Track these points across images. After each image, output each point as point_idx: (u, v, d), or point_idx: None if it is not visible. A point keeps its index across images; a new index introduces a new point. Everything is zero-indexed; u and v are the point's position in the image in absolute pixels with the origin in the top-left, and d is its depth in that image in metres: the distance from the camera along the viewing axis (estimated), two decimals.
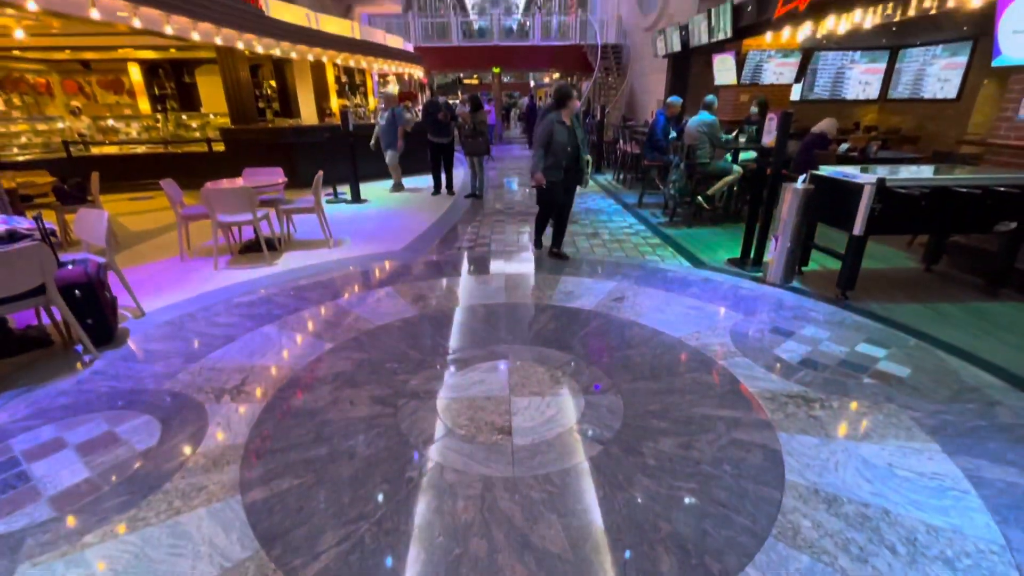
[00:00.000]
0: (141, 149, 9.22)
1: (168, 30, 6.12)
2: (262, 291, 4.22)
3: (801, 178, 4.10)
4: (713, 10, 8.42)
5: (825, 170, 4.10)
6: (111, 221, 3.72)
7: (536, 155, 4.56)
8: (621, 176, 9.72)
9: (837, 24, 6.33)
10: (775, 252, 4.21)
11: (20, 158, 8.02)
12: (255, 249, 5.23)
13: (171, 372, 2.98)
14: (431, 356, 3.14)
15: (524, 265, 4.91)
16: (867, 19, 5.94)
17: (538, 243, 5.23)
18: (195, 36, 6.62)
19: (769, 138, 4.35)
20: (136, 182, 8.64)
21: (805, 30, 6.93)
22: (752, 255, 4.69)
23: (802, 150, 6.06)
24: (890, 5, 5.39)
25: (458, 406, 2.60)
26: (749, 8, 7.47)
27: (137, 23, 5.57)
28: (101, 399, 2.72)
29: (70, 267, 3.28)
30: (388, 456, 2.24)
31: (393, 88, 17.71)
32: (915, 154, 7.21)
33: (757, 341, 3.28)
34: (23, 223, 3.29)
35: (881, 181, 3.57)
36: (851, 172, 3.88)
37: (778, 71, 8.51)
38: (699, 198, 6.21)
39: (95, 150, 8.85)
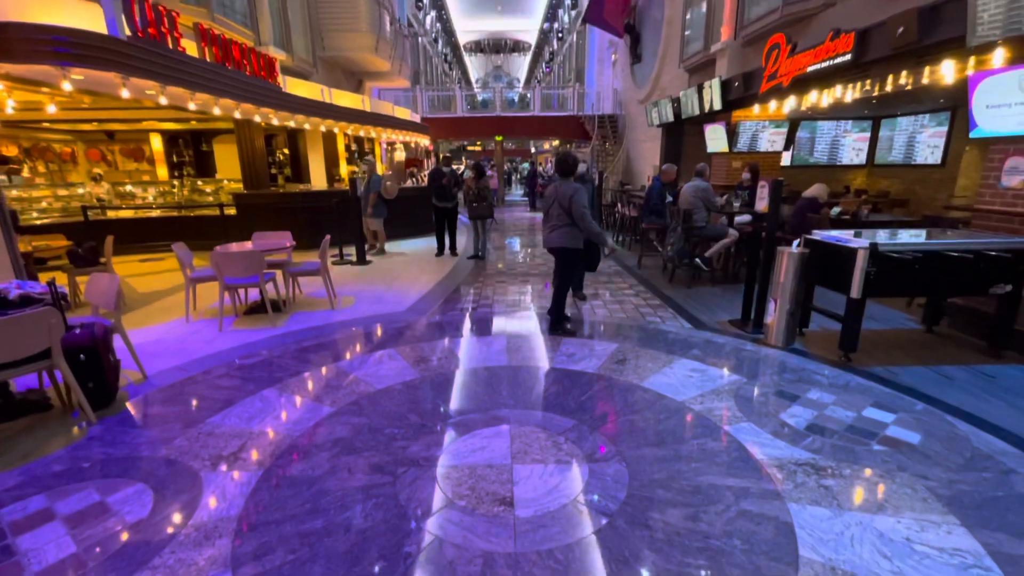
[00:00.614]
0: (155, 213, 9.54)
1: (191, 106, 6.53)
2: (265, 353, 4.23)
3: (795, 242, 4.20)
4: (703, 85, 8.96)
5: (818, 234, 4.22)
6: (120, 284, 3.80)
7: (593, 224, 4.38)
8: (620, 238, 9.95)
9: (819, 98, 6.72)
10: (775, 314, 4.24)
11: (38, 222, 8.30)
12: (260, 311, 5.29)
13: (168, 438, 2.93)
14: (432, 421, 3.10)
15: (526, 326, 4.93)
16: (847, 94, 6.31)
17: (561, 323, 4.72)
18: (216, 111, 7.05)
19: (762, 204, 4.52)
20: (149, 244, 8.87)
21: (790, 103, 7.35)
22: (752, 317, 4.71)
23: (795, 214, 6.24)
24: (867, 82, 5.75)
25: (458, 475, 2.54)
26: (736, 84, 7.96)
27: (163, 100, 5.96)
28: (95, 467, 2.66)
29: (77, 331, 3.32)
30: (386, 529, 2.17)
31: (400, 155, 18.54)
32: (905, 217, 7.41)
33: (762, 405, 3.24)
34: (36, 287, 3.36)
35: (874, 246, 3.66)
36: (844, 236, 3.99)
37: (769, 139, 8.92)
38: (697, 260, 6.33)
39: (111, 214, 9.16)
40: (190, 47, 6.27)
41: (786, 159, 9.94)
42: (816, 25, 6.86)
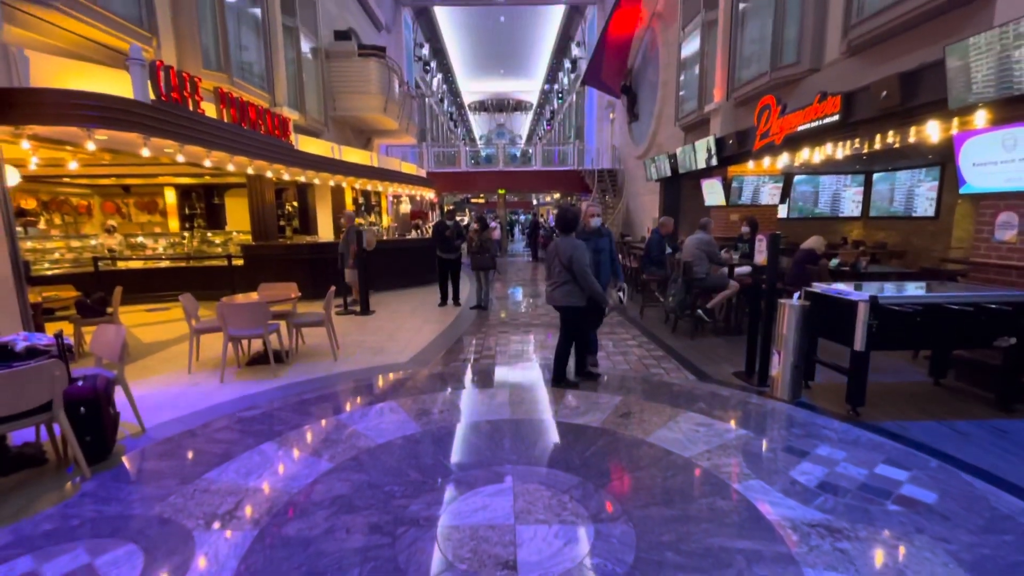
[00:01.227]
0: (164, 263, 9.71)
1: (207, 163, 6.81)
2: (265, 405, 4.19)
3: (796, 295, 4.24)
4: (698, 142, 9.32)
5: (819, 287, 4.26)
6: (126, 335, 3.83)
7: (591, 279, 4.28)
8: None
9: (811, 155, 6.96)
10: (779, 367, 4.21)
11: (49, 272, 8.45)
12: (263, 362, 5.28)
13: (162, 494, 2.86)
14: (432, 477, 3.03)
15: (528, 377, 4.90)
16: (838, 151, 6.55)
17: (562, 378, 4.61)
18: (230, 167, 7.34)
19: (761, 257, 4.58)
20: (156, 294, 8.98)
21: (783, 159, 7.61)
22: (757, 369, 4.68)
23: (794, 265, 6.32)
24: (856, 140, 5.98)
25: (460, 535, 2.46)
26: (731, 141, 8.28)
27: (181, 158, 6.23)
28: (86, 526, 2.59)
29: (80, 383, 3.31)
30: None
31: (405, 207, 19.02)
32: (903, 268, 7.48)
33: (771, 462, 3.17)
34: (43, 339, 3.39)
35: (874, 299, 3.69)
36: (844, 289, 4.03)
37: (765, 193, 9.16)
38: (699, 311, 6.36)
39: (121, 264, 9.33)
40: (209, 108, 6.62)
41: (783, 211, 10.18)
42: (803, 88, 7.21)
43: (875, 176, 10.12)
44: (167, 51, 6.90)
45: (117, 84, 5.36)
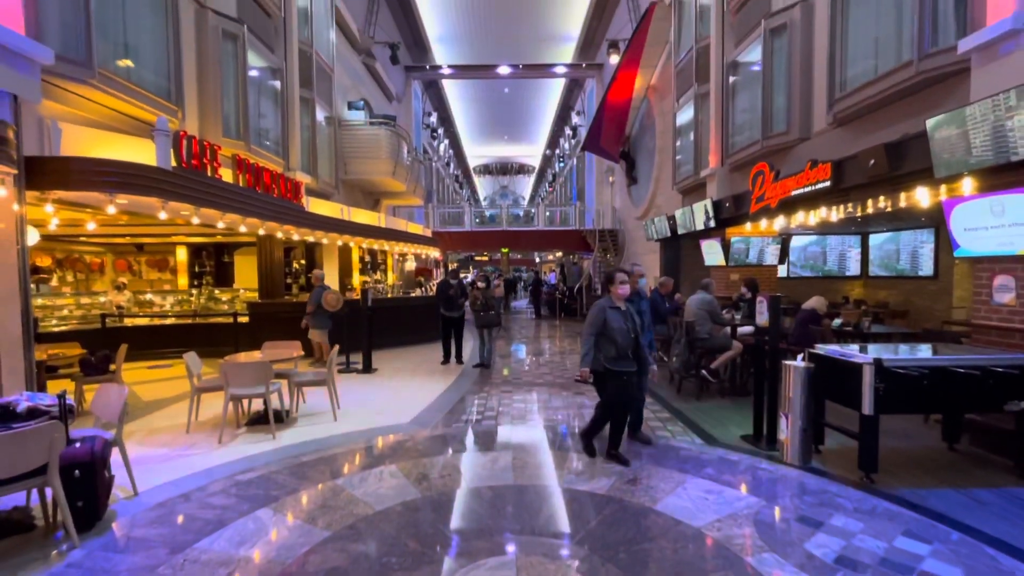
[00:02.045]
0: (170, 320, 9.78)
1: (220, 224, 7.05)
2: (262, 468, 4.10)
3: (799, 356, 4.23)
4: (696, 205, 9.61)
5: (822, 348, 4.25)
6: (124, 393, 3.81)
7: (584, 344, 4.05)
8: None
9: (807, 217, 7.16)
10: (788, 431, 4.13)
11: (56, 329, 8.51)
12: (262, 422, 5.20)
13: (151, 564, 2.75)
14: (432, 548, 2.91)
15: (532, 439, 4.80)
16: (832, 214, 6.73)
17: (590, 449, 4.33)
18: (242, 228, 7.58)
19: (762, 319, 4.61)
20: (161, 351, 8.99)
21: (780, 221, 7.81)
22: (765, 432, 4.58)
23: (797, 326, 6.33)
24: (849, 204, 6.17)
25: None
26: (728, 204, 8.54)
27: (196, 220, 6.46)
28: None
29: (77, 445, 3.27)
30: None
31: (410, 264, 19.35)
32: (907, 329, 7.46)
33: (784, 533, 3.04)
34: (45, 399, 3.38)
35: (878, 361, 3.67)
36: (848, 351, 4.02)
37: (764, 253, 9.31)
38: (704, 372, 6.31)
39: (128, 321, 9.41)
40: (226, 174, 6.94)
41: (782, 271, 10.31)
42: (795, 155, 7.54)
43: (872, 237, 10.34)
44: (191, 121, 7.33)
45: (141, 152, 5.66)
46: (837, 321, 7.19)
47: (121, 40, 6.06)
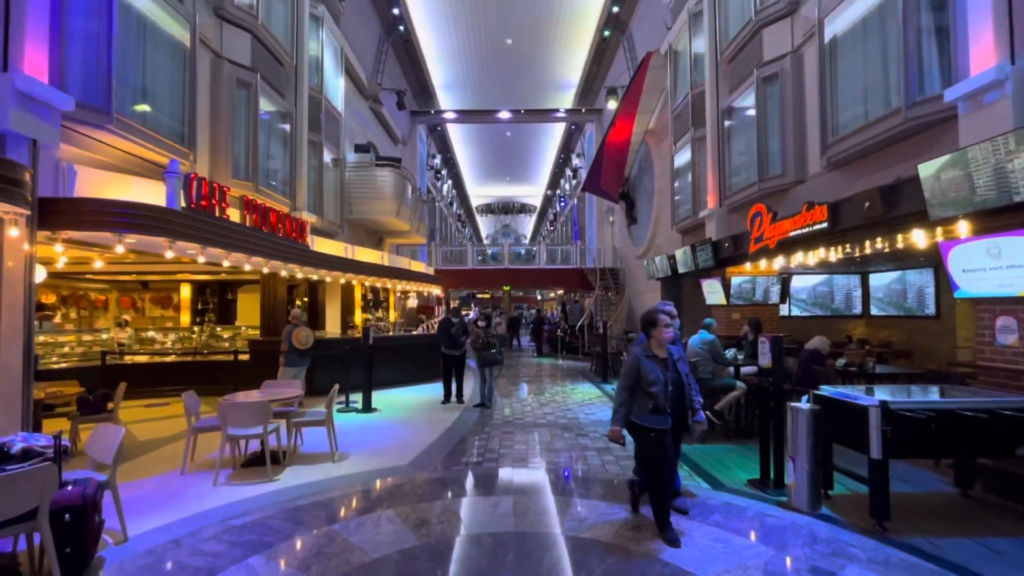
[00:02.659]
0: (171, 358, 9.74)
1: (226, 263, 7.13)
2: (257, 513, 3.99)
3: (804, 398, 4.18)
4: (695, 245, 9.71)
5: (827, 390, 4.21)
6: (120, 434, 3.76)
7: (617, 399, 3.58)
8: None
9: (806, 257, 7.22)
10: (795, 475, 4.04)
11: (56, 366, 8.47)
12: (259, 463, 5.09)
13: None
14: None
15: (533, 483, 4.68)
16: (831, 254, 6.80)
17: (636, 506, 3.97)
18: (247, 267, 7.66)
19: (765, 360, 4.59)
20: (160, 388, 8.91)
21: (780, 260, 7.87)
22: (772, 476, 4.47)
23: (800, 366, 6.27)
24: (847, 245, 6.24)
25: None
26: (727, 244, 8.63)
27: (202, 259, 6.55)
28: None
29: (70, 488, 3.21)
30: None
31: (412, 302, 19.40)
32: (911, 369, 7.38)
33: None
34: (40, 440, 3.34)
35: (885, 404, 3.63)
36: (854, 393, 3.98)
37: (765, 292, 9.34)
38: (708, 413, 6.21)
39: (128, 358, 9.37)
40: (233, 214, 7.07)
41: (783, 310, 10.31)
42: (791, 196, 7.68)
43: (874, 277, 10.39)
44: (201, 162, 7.55)
45: (152, 193, 5.80)
46: (841, 361, 7.13)
47: (139, 87, 6.32)
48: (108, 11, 5.55)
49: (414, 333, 13.38)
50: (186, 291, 12.07)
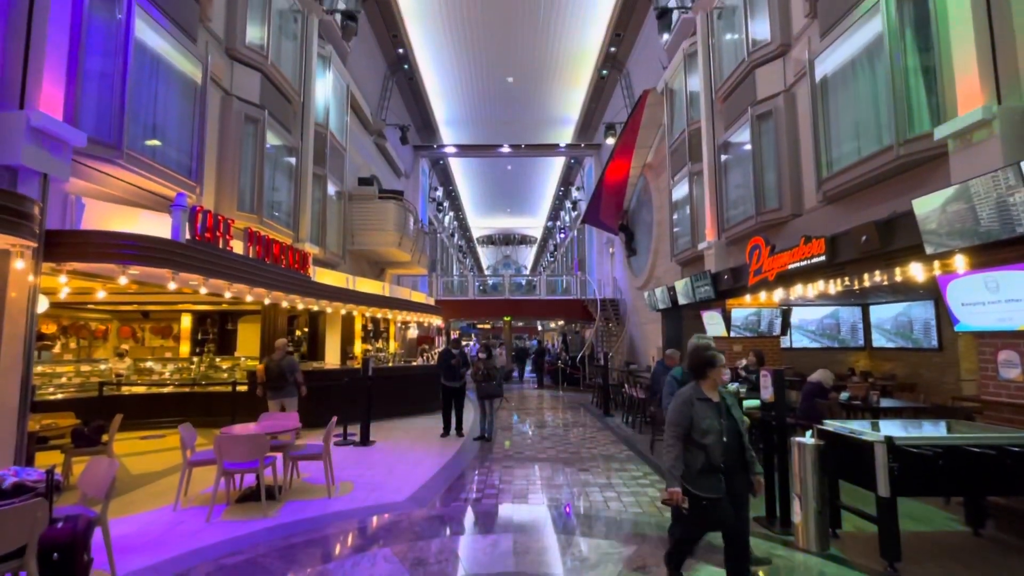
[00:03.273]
0: (168, 389, 9.66)
1: (228, 295, 7.17)
2: (250, 551, 3.88)
3: (808, 433, 4.13)
4: (695, 277, 9.76)
5: (831, 425, 4.16)
6: (113, 469, 3.70)
7: (669, 451, 2.91)
8: (630, 419, 9.73)
9: (805, 290, 7.25)
10: (801, 513, 3.94)
11: (52, 397, 8.38)
12: (254, 498, 4.99)
13: None
14: None
15: (534, 520, 4.57)
16: (830, 286, 6.82)
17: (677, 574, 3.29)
18: (249, 298, 7.70)
19: (767, 394, 4.56)
20: (157, 420, 8.81)
21: (779, 292, 7.90)
22: (778, 514, 4.37)
23: (803, 399, 6.21)
24: (846, 278, 6.28)
25: None
26: (726, 276, 8.68)
27: (204, 290, 6.58)
28: None
29: (59, 525, 3.14)
30: None
31: (413, 332, 19.35)
32: (916, 403, 7.30)
33: None
34: (32, 475, 3.29)
35: (890, 440, 3.58)
36: (858, 428, 3.93)
37: (767, 323, 9.33)
38: None
39: (125, 389, 9.28)
40: (237, 245, 7.15)
41: (784, 342, 10.27)
42: (789, 230, 7.77)
43: (880, 308, 10.38)
44: (207, 195, 7.68)
45: (157, 225, 5.89)
46: (845, 394, 7.06)
47: (150, 123, 6.49)
48: (124, 51, 5.77)
49: (414, 364, 13.28)
50: (187, 321, 12.07)
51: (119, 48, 5.75)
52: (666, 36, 12.03)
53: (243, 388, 9.14)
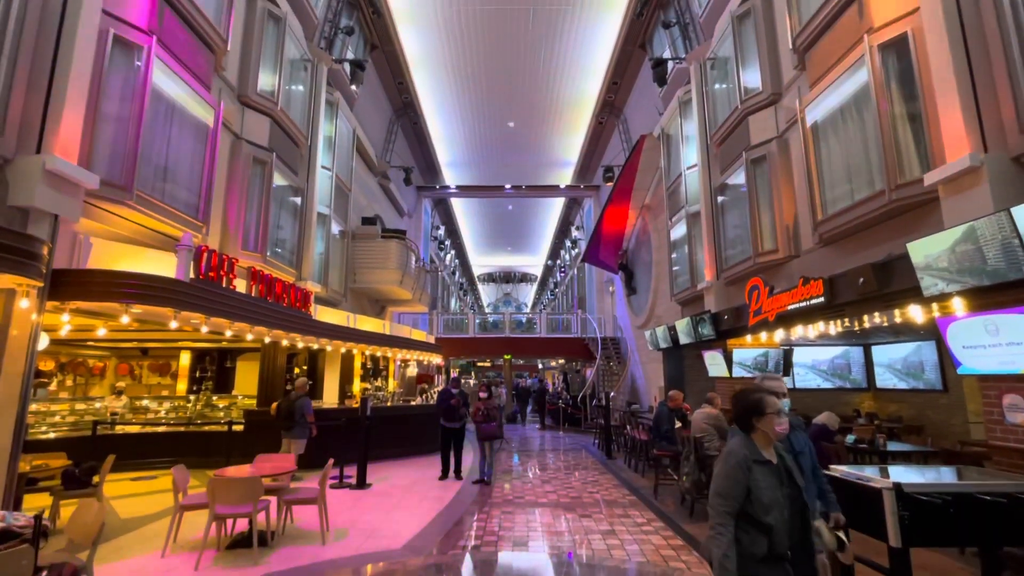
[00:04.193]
0: (163, 428, 9.50)
1: (228, 333, 7.17)
2: None
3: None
4: (696, 317, 9.77)
5: (837, 470, 4.07)
6: (104, 516, 3.61)
7: (719, 532, 2.14)
8: (632, 462, 9.52)
9: (806, 330, 7.25)
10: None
11: (44, 436, 8.24)
12: (245, 544, 4.83)
13: None
14: None
15: (534, 569, 4.41)
16: (831, 327, 6.83)
17: None
18: (250, 336, 7.69)
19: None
20: (150, 460, 8.63)
21: (780, 333, 7.89)
22: None
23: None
24: (846, 319, 6.29)
25: None
26: (727, 316, 8.69)
27: (205, 329, 6.59)
28: None
29: (44, 575, 3.04)
30: None
31: (412, 370, 19.17)
32: (923, 446, 7.16)
33: None
34: (20, 519, 3.22)
35: (898, 487, 3.50)
36: (865, 474, 3.85)
37: (777, 364, 9.26)
38: None
39: (119, 428, 9.13)
40: (240, 284, 7.21)
41: (788, 383, 10.17)
42: (787, 270, 7.83)
43: (890, 348, 10.32)
44: (213, 234, 7.80)
45: (162, 264, 5.96)
46: (851, 437, 6.95)
47: (161, 165, 6.66)
48: (141, 98, 5.99)
49: (413, 403, 13.10)
50: (185, 358, 12.00)
51: (136, 94, 5.96)
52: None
53: (239, 428, 9.00)
